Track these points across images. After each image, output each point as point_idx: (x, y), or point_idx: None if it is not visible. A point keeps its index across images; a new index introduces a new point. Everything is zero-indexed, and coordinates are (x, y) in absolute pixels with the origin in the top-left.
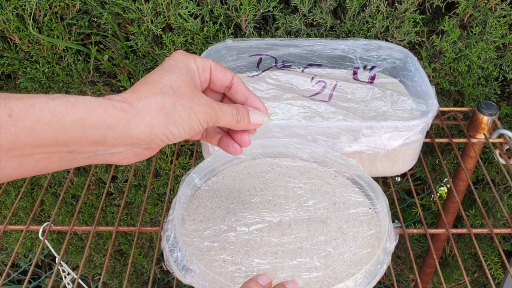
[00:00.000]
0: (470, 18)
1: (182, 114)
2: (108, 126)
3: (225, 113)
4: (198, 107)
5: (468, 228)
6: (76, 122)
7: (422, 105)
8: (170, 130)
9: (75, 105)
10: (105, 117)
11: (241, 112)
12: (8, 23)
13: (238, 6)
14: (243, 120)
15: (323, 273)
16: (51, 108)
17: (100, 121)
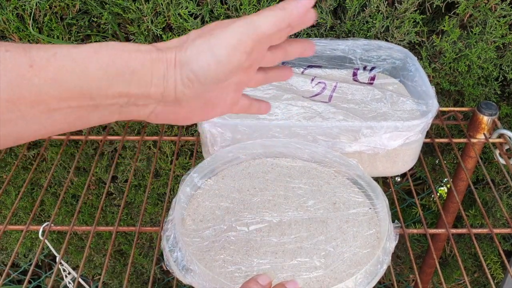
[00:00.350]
0: (470, 18)
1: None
2: (133, 71)
3: (263, 13)
4: (222, 31)
5: (468, 228)
6: (100, 69)
7: (422, 105)
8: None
9: (98, 51)
10: (129, 61)
11: None
12: (8, 23)
13: (238, 6)
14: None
15: (323, 273)
16: (74, 56)
17: (124, 66)
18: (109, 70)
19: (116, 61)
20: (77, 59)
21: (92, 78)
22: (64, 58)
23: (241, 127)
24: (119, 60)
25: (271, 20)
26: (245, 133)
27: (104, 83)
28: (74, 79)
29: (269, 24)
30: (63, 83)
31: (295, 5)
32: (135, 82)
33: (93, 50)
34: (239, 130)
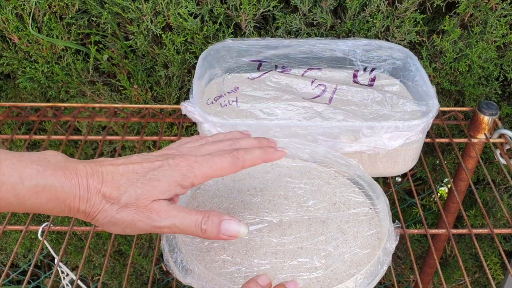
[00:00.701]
0: (471, 18)
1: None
2: (61, 211)
3: (183, 225)
4: (139, 223)
5: (469, 228)
6: (35, 206)
7: (423, 106)
8: (113, 230)
9: (39, 192)
10: (61, 206)
11: (211, 219)
12: (8, 22)
13: (238, 5)
14: (210, 229)
15: (323, 273)
16: (17, 192)
17: (55, 207)
18: (41, 208)
19: (49, 204)
20: (19, 195)
21: (25, 208)
22: (8, 191)
23: (241, 127)
24: (53, 203)
25: (188, 233)
26: None
27: (33, 210)
28: (9, 207)
29: (185, 233)
30: (4, 207)
31: (215, 235)
32: (57, 213)
33: (36, 190)
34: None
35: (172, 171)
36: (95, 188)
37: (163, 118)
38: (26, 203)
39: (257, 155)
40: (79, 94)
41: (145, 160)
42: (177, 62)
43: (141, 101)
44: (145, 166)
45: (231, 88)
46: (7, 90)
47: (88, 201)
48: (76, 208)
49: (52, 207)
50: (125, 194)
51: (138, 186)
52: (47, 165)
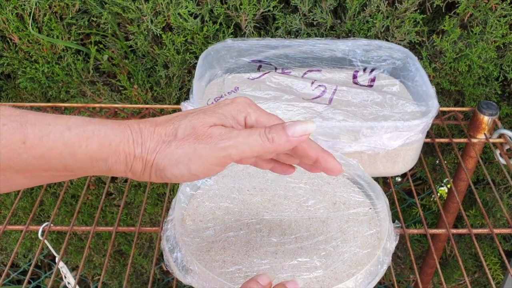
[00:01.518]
0: (471, 18)
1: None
2: (115, 161)
3: (249, 141)
4: (204, 150)
5: (469, 228)
6: (87, 155)
7: (423, 106)
8: (177, 172)
9: (89, 138)
10: (114, 154)
11: (274, 128)
12: (8, 22)
13: (238, 5)
14: (277, 136)
15: (323, 273)
16: (66, 140)
17: (108, 156)
18: (94, 157)
19: (102, 151)
20: (68, 143)
21: (77, 160)
22: (57, 140)
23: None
24: (106, 150)
25: (257, 149)
26: None
27: (87, 164)
28: (61, 159)
29: (253, 152)
30: (50, 160)
31: (285, 141)
32: (114, 169)
33: (85, 136)
34: None
35: None
36: (148, 130)
37: None
38: (77, 151)
39: None
40: (80, 94)
41: None
42: (177, 62)
43: (141, 101)
44: (197, 109)
45: (231, 89)
46: (7, 90)
47: (143, 144)
48: (132, 154)
49: (106, 156)
50: (180, 127)
51: (193, 117)
52: (92, 118)
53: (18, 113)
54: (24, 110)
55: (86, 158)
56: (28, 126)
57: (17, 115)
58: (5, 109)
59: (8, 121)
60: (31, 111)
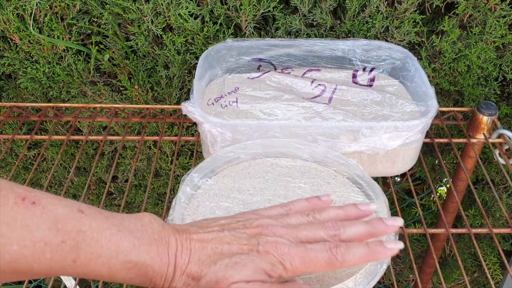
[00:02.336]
0: (470, 18)
1: None
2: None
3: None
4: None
5: (468, 228)
6: (124, 280)
7: (422, 106)
8: None
9: (131, 268)
10: (145, 282)
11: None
12: (9, 23)
13: (238, 6)
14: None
15: (322, 272)
16: (111, 266)
17: (143, 284)
18: (127, 281)
19: (137, 279)
20: (112, 269)
21: (114, 280)
22: (104, 264)
23: (241, 127)
24: (140, 279)
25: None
26: (245, 133)
27: (122, 282)
28: (98, 277)
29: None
30: (95, 277)
31: None
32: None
33: (128, 266)
34: (239, 130)
35: (260, 259)
36: (180, 269)
37: (163, 118)
38: (117, 276)
39: (360, 256)
40: (80, 94)
41: (235, 241)
42: (177, 63)
43: (142, 102)
44: (234, 249)
45: (231, 89)
46: (8, 91)
47: (172, 282)
48: (160, 286)
49: (139, 282)
50: (206, 277)
51: (222, 269)
52: (143, 237)
53: (77, 229)
54: (84, 216)
55: (121, 281)
56: (83, 247)
57: (76, 232)
58: (65, 220)
59: (67, 238)
60: (91, 218)
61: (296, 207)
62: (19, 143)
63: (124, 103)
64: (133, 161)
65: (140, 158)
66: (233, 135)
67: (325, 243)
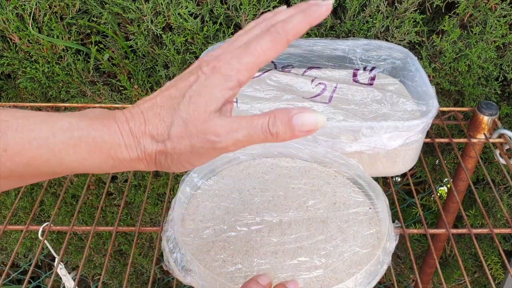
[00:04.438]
0: (470, 18)
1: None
2: (112, 166)
3: (250, 137)
4: (201, 150)
5: (469, 228)
6: (76, 162)
7: (422, 106)
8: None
9: (77, 145)
10: (109, 158)
11: (279, 119)
12: (8, 22)
13: (238, 5)
14: (282, 131)
15: (323, 272)
16: (51, 147)
17: (102, 162)
18: (86, 164)
19: (94, 157)
20: (54, 149)
21: (67, 167)
22: (41, 147)
23: None
24: (97, 156)
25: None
26: None
27: (78, 169)
28: (49, 167)
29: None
30: (38, 168)
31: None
32: (113, 170)
33: (72, 142)
34: None
35: (210, 79)
36: (139, 131)
37: None
38: (65, 159)
39: (298, 19)
40: (80, 94)
41: (179, 80)
42: (177, 62)
43: None
44: (181, 86)
45: None
46: (7, 90)
47: (137, 147)
48: (126, 158)
49: (99, 162)
50: (173, 126)
51: (182, 110)
52: (81, 118)
53: (1, 118)
54: (10, 110)
55: (77, 165)
56: (9, 133)
57: None
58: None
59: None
60: (18, 111)
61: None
62: None
63: (123, 103)
64: None
65: None
66: None
67: (260, 27)
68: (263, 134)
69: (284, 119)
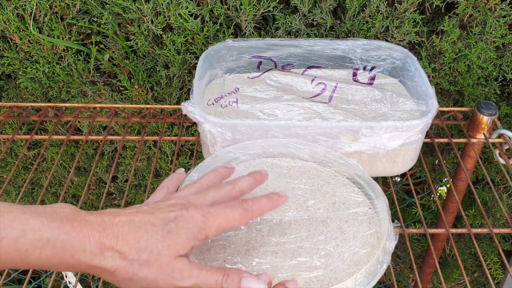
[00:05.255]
0: (470, 18)
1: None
2: (68, 267)
3: (207, 281)
4: (162, 283)
5: (468, 228)
6: (39, 261)
7: (422, 106)
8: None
9: (44, 246)
10: (68, 261)
11: (231, 277)
12: (9, 23)
13: (238, 6)
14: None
15: (323, 272)
16: (19, 246)
17: (61, 263)
18: (47, 263)
19: (56, 258)
20: (21, 249)
21: (29, 264)
22: (10, 246)
23: (241, 127)
24: (60, 257)
25: None
26: (245, 133)
27: (38, 267)
28: (11, 262)
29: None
30: (2, 261)
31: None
32: (69, 270)
33: (39, 244)
34: (239, 130)
35: (188, 223)
36: (109, 243)
37: (163, 118)
38: (29, 258)
39: (264, 203)
40: (80, 94)
41: (159, 211)
42: (177, 63)
43: (142, 101)
44: (161, 217)
45: (232, 89)
46: (8, 90)
47: (101, 256)
48: (87, 263)
49: (59, 263)
50: (146, 250)
51: (159, 240)
52: (53, 217)
53: None
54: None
55: (38, 263)
56: None
57: None
58: None
59: None
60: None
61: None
62: (19, 143)
63: (124, 103)
64: (133, 161)
65: (140, 158)
66: (233, 135)
67: (235, 200)
68: (217, 287)
69: (235, 279)
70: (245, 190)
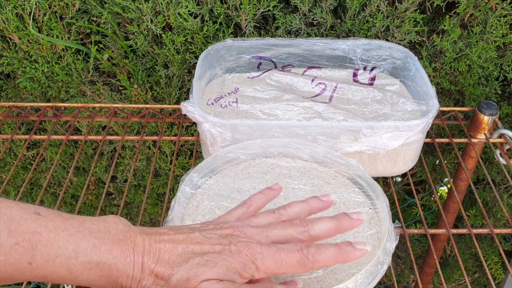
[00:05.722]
0: (471, 18)
1: None
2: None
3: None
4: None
5: (469, 228)
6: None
7: (423, 105)
8: None
9: (93, 269)
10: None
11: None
12: (8, 22)
13: (238, 5)
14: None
15: (323, 273)
16: (70, 266)
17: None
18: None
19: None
20: (72, 270)
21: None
22: (62, 266)
23: (241, 127)
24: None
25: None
26: (245, 133)
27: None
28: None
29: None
30: (48, 279)
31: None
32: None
33: (89, 266)
34: (239, 130)
35: (232, 258)
36: (149, 268)
37: (163, 118)
38: (79, 278)
39: (331, 256)
40: (79, 94)
41: (207, 241)
42: (177, 62)
43: (141, 101)
44: (205, 248)
45: (231, 89)
46: (7, 90)
47: (140, 282)
48: (127, 287)
49: (104, 284)
50: (176, 275)
51: (193, 266)
52: (104, 237)
53: (32, 230)
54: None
55: (85, 283)
56: (38, 248)
57: (31, 233)
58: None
59: (21, 240)
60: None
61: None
62: (18, 143)
63: (123, 103)
64: (132, 161)
65: (140, 158)
66: (233, 135)
67: (296, 244)
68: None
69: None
70: None
